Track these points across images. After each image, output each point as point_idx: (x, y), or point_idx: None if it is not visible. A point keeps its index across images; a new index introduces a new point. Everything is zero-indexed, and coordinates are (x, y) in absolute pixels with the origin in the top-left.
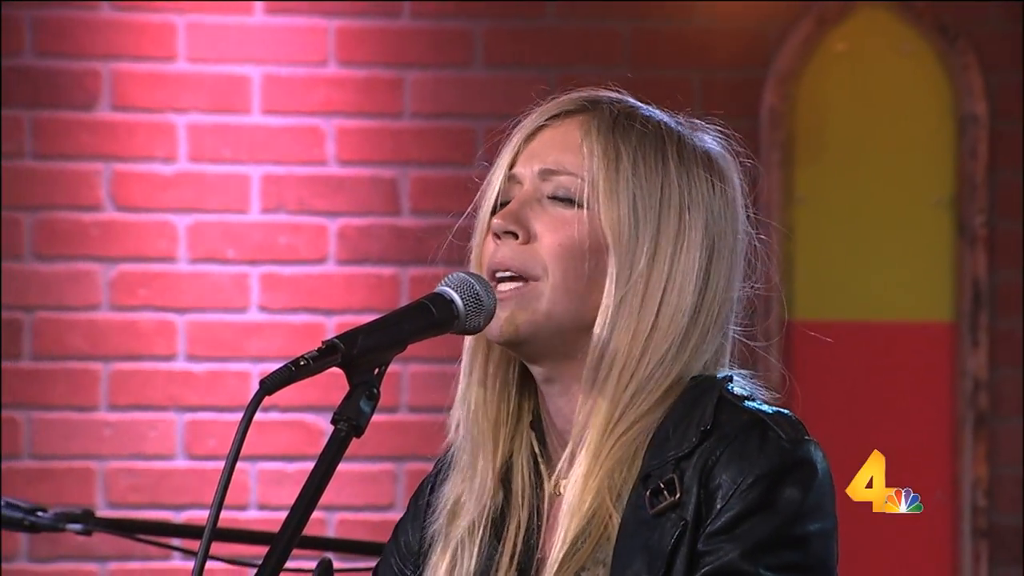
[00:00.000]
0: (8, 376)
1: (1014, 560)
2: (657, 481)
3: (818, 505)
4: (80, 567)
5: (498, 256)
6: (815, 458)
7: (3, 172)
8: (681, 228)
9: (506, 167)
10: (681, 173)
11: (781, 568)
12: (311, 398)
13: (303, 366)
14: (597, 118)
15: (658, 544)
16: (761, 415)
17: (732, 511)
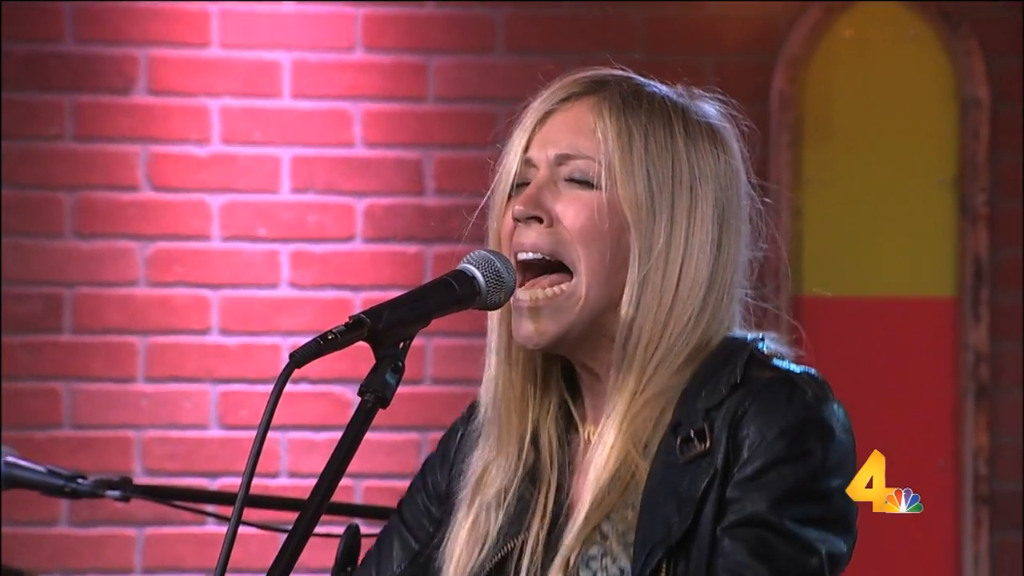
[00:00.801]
0: (49, 349)
1: (1014, 526)
2: (688, 430)
3: (841, 461)
4: (118, 532)
5: (525, 240)
6: (839, 416)
7: (45, 154)
8: (693, 201)
9: (521, 151)
10: (689, 147)
11: (804, 520)
12: (339, 371)
13: (331, 340)
14: (607, 100)
15: (688, 490)
16: (789, 373)
17: (758, 462)
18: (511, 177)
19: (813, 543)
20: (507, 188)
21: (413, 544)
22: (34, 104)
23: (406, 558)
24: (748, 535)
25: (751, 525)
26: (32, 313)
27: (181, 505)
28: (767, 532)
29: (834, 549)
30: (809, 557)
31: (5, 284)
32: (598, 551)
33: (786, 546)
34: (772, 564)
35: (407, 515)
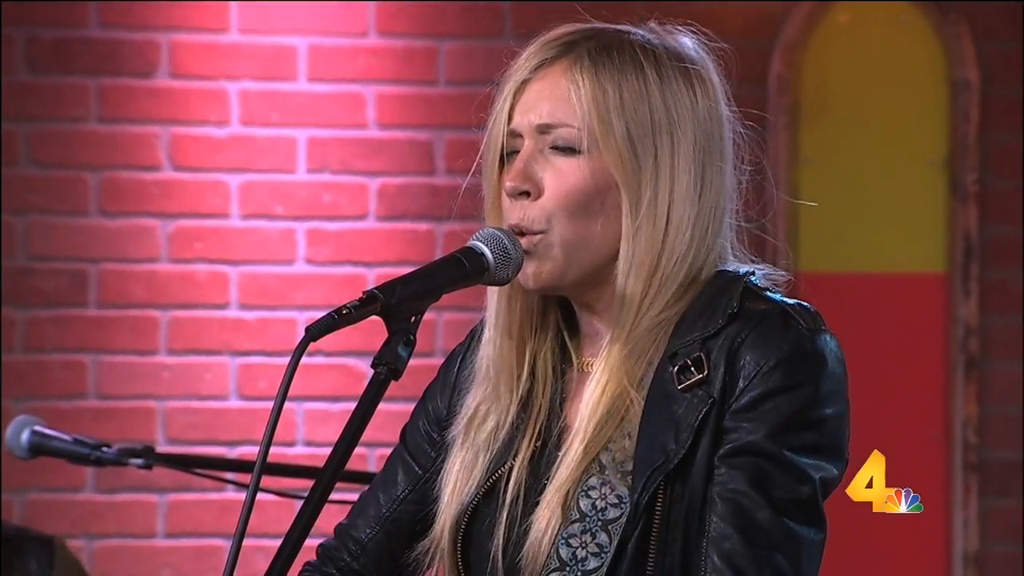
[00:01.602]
0: (75, 322)
1: (1002, 492)
2: (684, 358)
3: (833, 390)
4: (141, 498)
5: (512, 217)
6: (831, 346)
7: (71, 135)
8: (673, 145)
9: (504, 122)
10: (664, 92)
11: (799, 448)
12: (353, 344)
13: (345, 314)
14: (578, 62)
15: (686, 417)
16: (784, 305)
17: (755, 392)
18: (498, 148)
19: (807, 470)
20: (496, 158)
21: (416, 469)
22: (60, 87)
23: (410, 483)
24: (745, 463)
25: (748, 454)
26: (59, 288)
27: (201, 473)
28: (763, 460)
29: (827, 475)
30: (803, 484)
31: (33, 260)
32: (596, 481)
33: (781, 474)
34: (768, 491)
35: (410, 441)
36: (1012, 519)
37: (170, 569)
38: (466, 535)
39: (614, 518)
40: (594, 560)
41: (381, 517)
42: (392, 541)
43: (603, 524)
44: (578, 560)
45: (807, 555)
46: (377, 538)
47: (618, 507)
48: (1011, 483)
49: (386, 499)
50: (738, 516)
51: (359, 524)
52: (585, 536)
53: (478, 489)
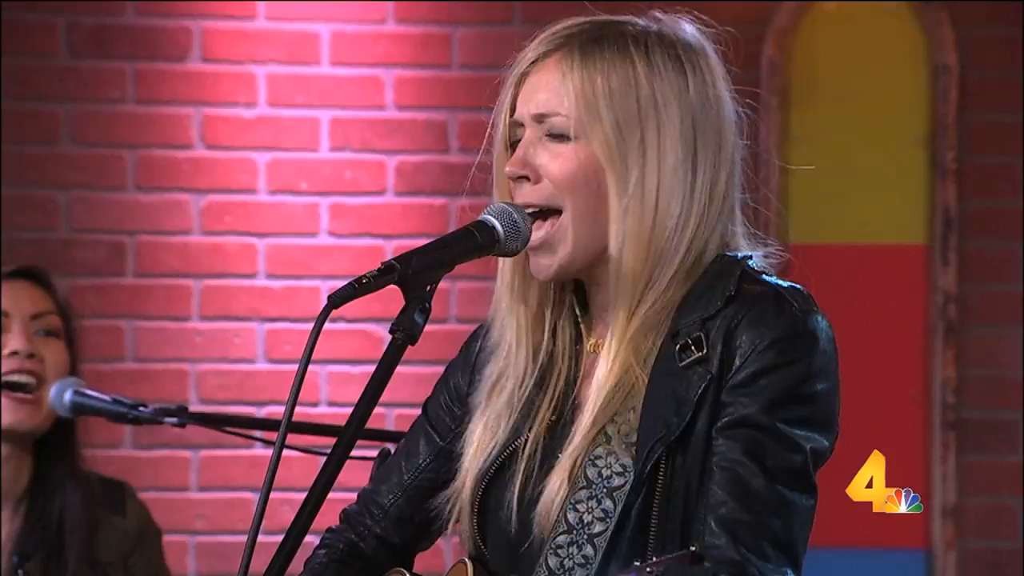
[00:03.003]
0: (113, 291)
1: (978, 449)
2: (685, 338)
3: (824, 367)
4: (176, 454)
5: (519, 197)
6: (822, 326)
7: (109, 116)
8: (659, 128)
9: (507, 113)
10: (652, 79)
11: (792, 421)
12: (373, 310)
13: (365, 283)
14: (569, 55)
15: (685, 393)
16: (778, 287)
17: (750, 369)
18: (504, 137)
19: (799, 441)
20: (503, 148)
21: (437, 440)
22: (99, 71)
23: (431, 453)
24: (741, 435)
25: (744, 426)
26: (98, 258)
27: (231, 430)
28: (758, 432)
29: (817, 446)
30: (795, 455)
31: (75, 232)
32: (603, 451)
33: (775, 445)
34: (762, 461)
35: (431, 414)
36: (987, 474)
37: (203, 520)
38: (484, 495)
39: (618, 486)
40: (599, 524)
41: (403, 484)
42: (412, 506)
43: (608, 491)
44: (584, 524)
45: (799, 520)
46: (399, 503)
47: (622, 476)
48: (986, 440)
49: (408, 467)
50: (735, 484)
51: (382, 490)
52: (591, 502)
53: (499, 454)
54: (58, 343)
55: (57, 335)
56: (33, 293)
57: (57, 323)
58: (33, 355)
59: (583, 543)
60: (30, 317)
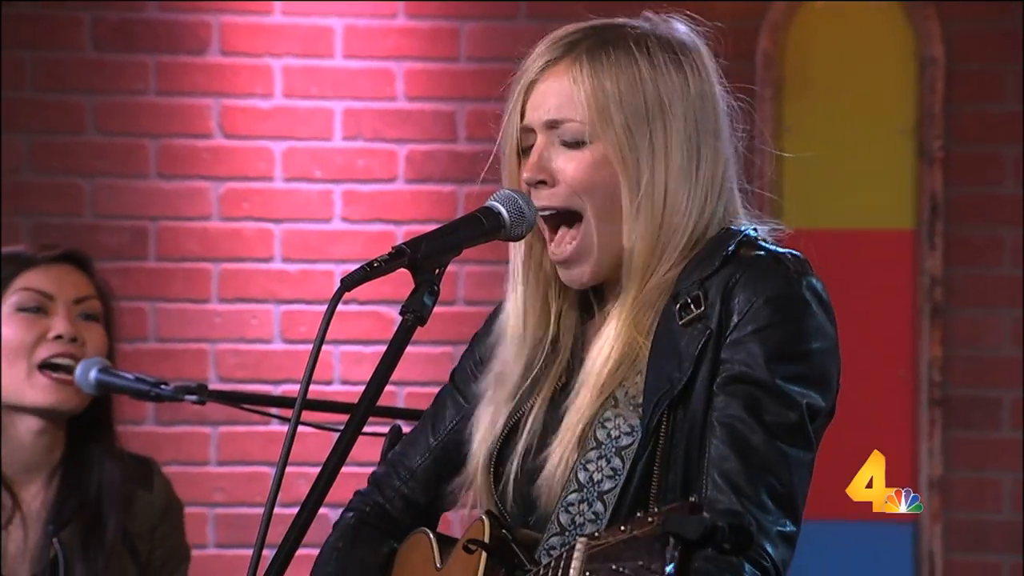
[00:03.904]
0: (136, 274)
1: (963, 425)
2: (685, 297)
3: (818, 327)
4: (196, 430)
5: (539, 201)
6: (817, 287)
7: (133, 106)
8: (666, 128)
9: (518, 120)
10: (656, 81)
11: (789, 377)
12: (384, 293)
13: (376, 267)
14: (578, 61)
15: (687, 348)
16: (774, 251)
17: (748, 326)
18: (514, 143)
19: (795, 397)
20: (513, 153)
21: (463, 403)
22: (123, 64)
23: (457, 415)
24: (740, 391)
25: (742, 383)
26: (122, 243)
27: (249, 408)
28: (756, 389)
29: (813, 402)
30: (791, 410)
31: (99, 218)
32: (611, 414)
33: (772, 401)
34: (761, 416)
35: (458, 380)
36: (971, 449)
37: (221, 492)
38: (497, 466)
39: (627, 445)
40: (609, 482)
41: (430, 446)
42: (439, 467)
43: (617, 450)
44: (595, 483)
45: (797, 473)
46: (426, 464)
47: (630, 435)
48: (971, 416)
49: (435, 429)
50: (735, 439)
51: (410, 453)
52: (601, 461)
53: (506, 424)
54: (98, 327)
55: (97, 319)
56: (76, 277)
57: (98, 307)
58: (76, 339)
59: (593, 500)
60: (73, 301)
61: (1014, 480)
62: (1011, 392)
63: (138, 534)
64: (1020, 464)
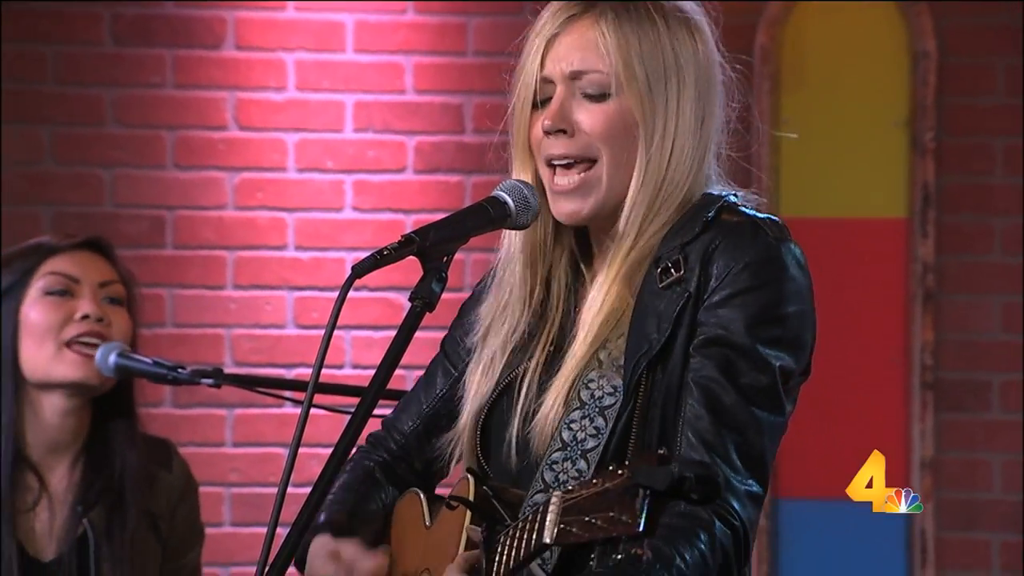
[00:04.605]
0: (154, 261)
1: (954, 407)
2: (666, 262)
3: (795, 291)
4: (212, 412)
5: (555, 150)
6: (795, 252)
7: (150, 99)
8: (680, 86)
9: (537, 70)
10: (673, 42)
11: (764, 341)
12: (393, 280)
13: (386, 255)
14: (603, 16)
15: (665, 310)
16: (754, 217)
17: (725, 291)
18: (531, 93)
19: (769, 360)
20: (528, 103)
21: (453, 371)
22: (141, 57)
23: (447, 383)
24: (715, 354)
25: (717, 345)
26: (140, 231)
27: (263, 391)
28: (731, 351)
29: (786, 364)
30: (764, 374)
31: (118, 207)
32: (596, 375)
33: (746, 363)
34: (735, 379)
35: (448, 348)
36: (962, 430)
37: (237, 473)
38: (484, 427)
39: (610, 404)
40: (592, 441)
41: (422, 412)
42: (430, 431)
43: (600, 410)
44: (578, 441)
45: (768, 435)
46: (417, 430)
47: (613, 396)
48: (961, 399)
49: (426, 396)
50: (709, 399)
51: (403, 418)
52: (584, 421)
53: (496, 386)
54: (122, 311)
55: (121, 303)
56: (100, 263)
57: (121, 291)
58: (102, 319)
59: (576, 458)
60: (98, 285)
61: (1004, 460)
62: (1001, 375)
63: (159, 514)
64: (1010, 445)
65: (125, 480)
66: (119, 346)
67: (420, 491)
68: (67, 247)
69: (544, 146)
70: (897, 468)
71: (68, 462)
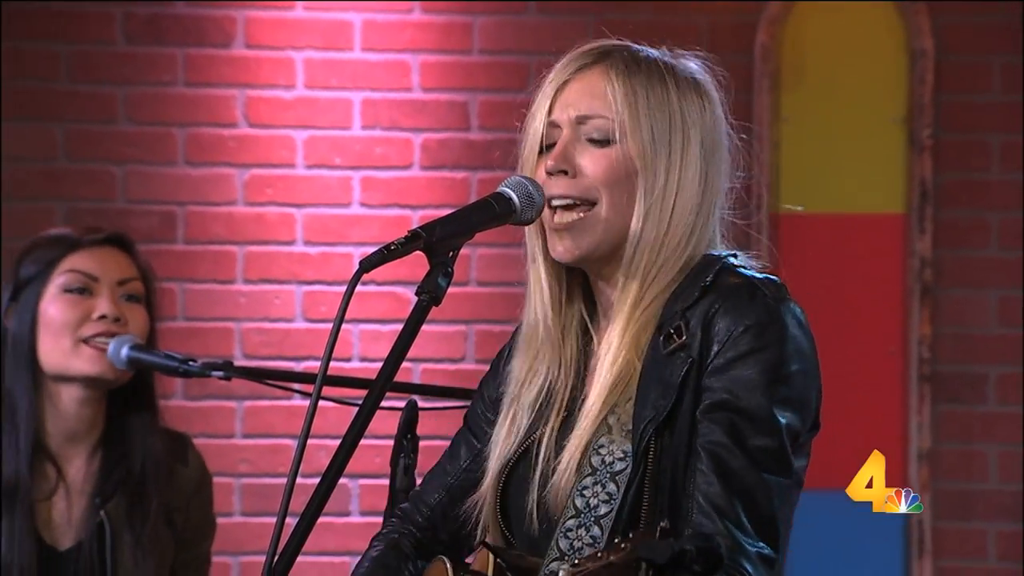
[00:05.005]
0: (165, 256)
1: (950, 399)
2: (668, 328)
3: (797, 350)
4: (222, 404)
5: (556, 190)
6: (795, 312)
7: (162, 97)
8: (685, 144)
9: (545, 115)
10: (680, 100)
11: (769, 403)
12: (400, 274)
13: (393, 250)
14: (613, 67)
15: (670, 376)
16: (752, 278)
17: (728, 354)
18: (539, 137)
19: (775, 422)
20: (536, 146)
21: (475, 443)
22: (153, 56)
23: (470, 455)
24: (722, 419)
25: (723, 410)
26: (151, 227)
27: (272, 383)
28: (736, 416)
29: (792, 425)
30: (771, 436)
31: (130, 203)
32: (606, 440)
33: (753, 427)
34: (743, 443)
35: (471, 422)
36: (959, 422)
37: (247, 464)
38: (504, 490)
39: (620, 470)
40: (604, 507)
41: (447, 484)
42: (455, 502)
43: (611, 475)
44: (591, 508)
45: (778, 497)
46: (443, 501)
47: (623, 461)
48: (959, 391)
49: (451, 469)
50: (718, 464)
51: (428, 490)
52: (596, 487)
53: (516, 449)
54: (140, 308)
55: (139, 300)
56: (120, 259)
57: (140, 288)
58: (119, 319)
59: (590, 524)
60: (117, 282)
61: (1000, 451)
62: (997, 368)
63: (175, 506)
64: (1006, 436)
65: (147, 472)
66: (131, 339)
67: (446, 559)
68: (88, 243)
69: (547, 187)
70: (895, 459)
71: (86, 453)
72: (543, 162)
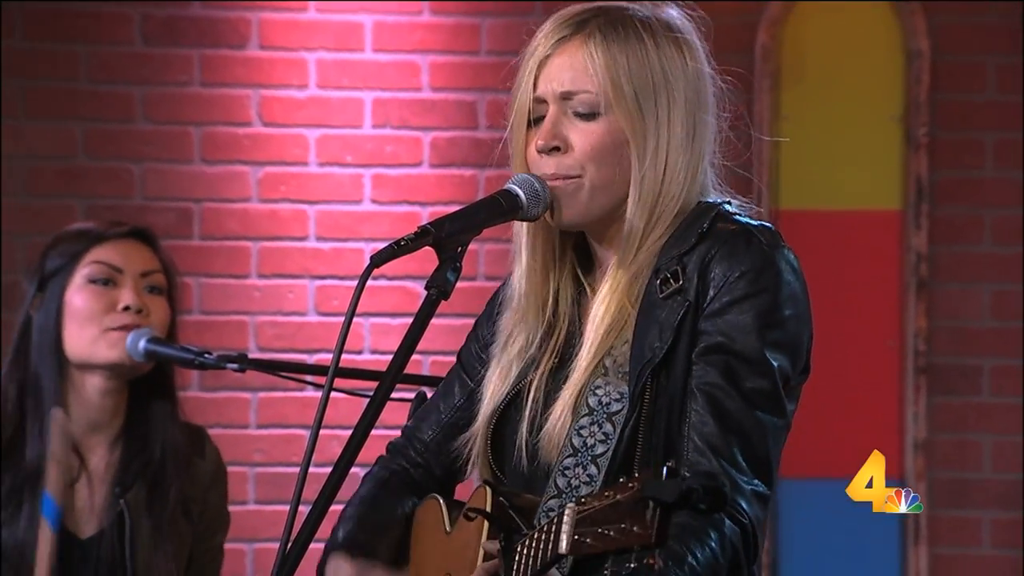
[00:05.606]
0: (182, 251)
1: (946, 391)
2: (665, 272)
3: (791, 295)
4: (237, 395)
5: (547, 168)
6: (789, 257)
7: (178, 96)
8: (670, 104)
9: (531, 91)
10: (661, 57)
11: (763, 346)
12: (410, 269)
13: (403, 245)
14: (591, 37)
15: (667, 319)
16: (748, 225)
17: (724, 298)
18: (525, 114)
19: (769, 365)
20: (523, 122)
21: (468, 382)
22: (169, 57)
23: (463, 394)
24: (717, 360)
25: (719, 352)
26: (168, 223)
27: (286, 375)
28: (732, 358)
29: (784, 367)
30: (765, 377)
31: (148, 200)
32: (602, 382)
33: (747, 368)
34: (737, 384)
35: (464, 360)
36: (954, 413)
37: (261, 453)
38: (495, 432)
39: (617, 411)
40: (601, 446)
41: (441, 421)
42: (448, 440)
43: (608, 416)
44: (588, 447)
45: (771, 437)
46: (437, 438)
47: (620, 402)
48: (953, 383)
49: (445, 407)
50: (713, 405)
51: (423, 427)
52: (593, 427)
53: (507, 393)
54: (162, 300)
55: (162, 292)
56: (143, 252)
57: (162, 281)
58: (141, 310)
59: (587, 463)
60: (140, 274)
61: (994, 441)
62: (991, 360)
63: (193, 498)
64: (1000, 426)
65: (166, 462)
66: (149, 332)
67: (439, 497)
68: (112, 236)
69: (539, 165)
70: (892, 449)
71: (108, 442)
72: (532, 138)
